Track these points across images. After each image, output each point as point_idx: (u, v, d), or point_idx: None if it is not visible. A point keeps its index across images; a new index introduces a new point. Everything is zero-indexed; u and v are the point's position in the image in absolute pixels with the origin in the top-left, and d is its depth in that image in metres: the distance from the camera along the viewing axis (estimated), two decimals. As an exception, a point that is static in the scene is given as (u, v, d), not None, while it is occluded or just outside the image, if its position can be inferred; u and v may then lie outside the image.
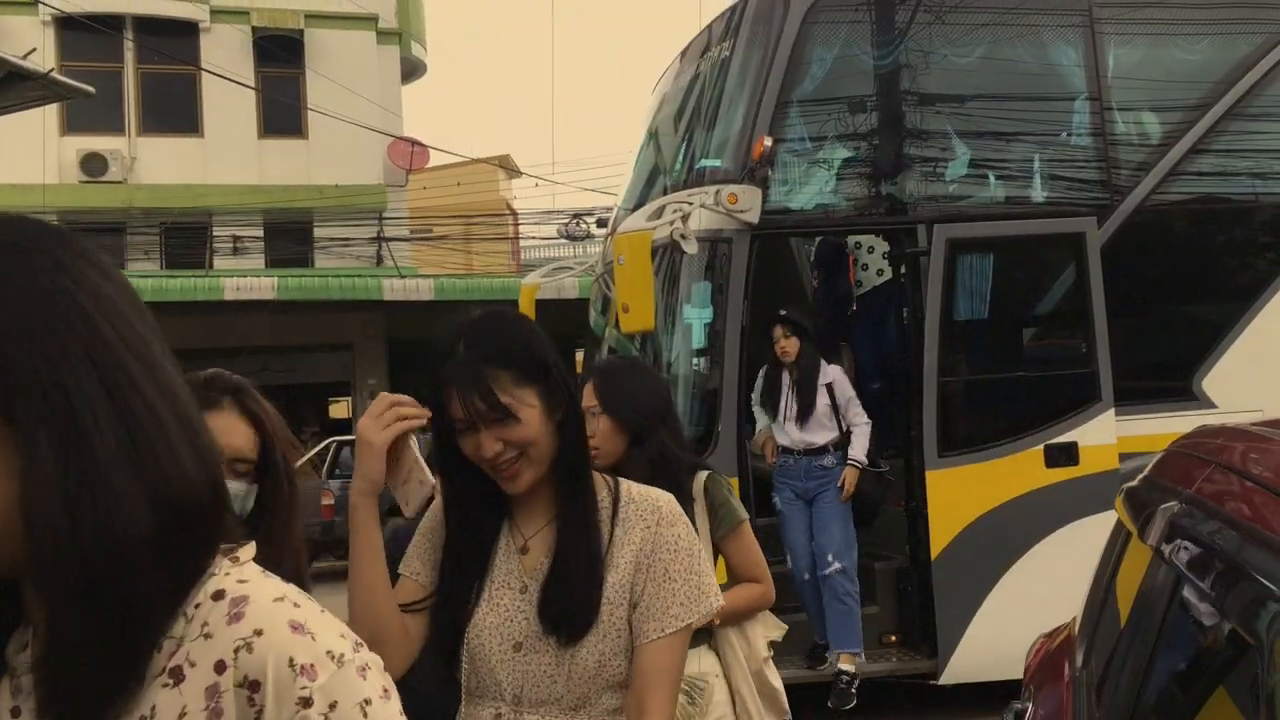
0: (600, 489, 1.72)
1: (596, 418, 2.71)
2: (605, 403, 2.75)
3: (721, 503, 2.83)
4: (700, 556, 1.70)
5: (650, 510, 1.69)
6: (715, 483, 2.86)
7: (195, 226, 18.31)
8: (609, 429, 2.74)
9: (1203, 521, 1.65)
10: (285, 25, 18.65)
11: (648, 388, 2.86)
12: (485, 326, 1.70)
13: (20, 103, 5.40)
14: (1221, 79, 5.95)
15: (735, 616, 2.78)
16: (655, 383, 2.93)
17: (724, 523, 2.81)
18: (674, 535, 1.68)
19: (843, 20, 5.78)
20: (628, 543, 1.67)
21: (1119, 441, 5.48)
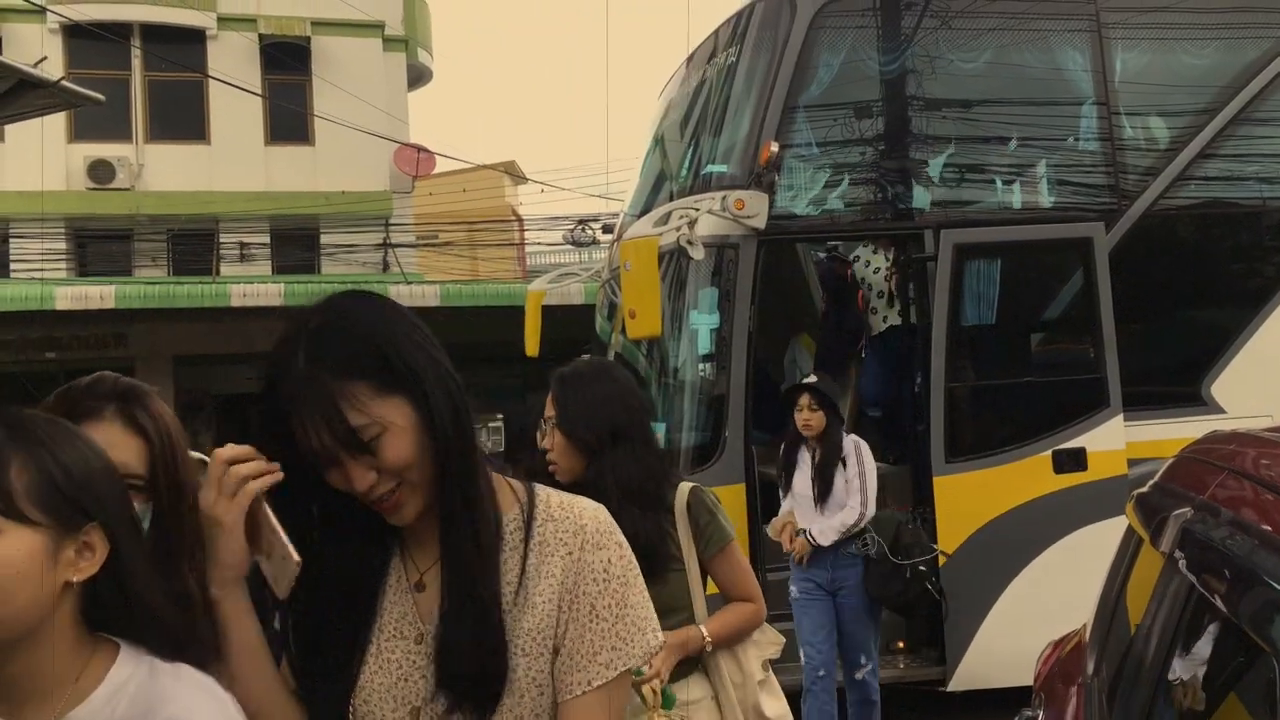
0: (510, 505, 1.40)
1: (554, 430, 2.53)
2: (561, 415, 2.53)
3: (708, 521, 2.60)
4: (636, 585, 1.39)
5: (572, 530, 1.37)
6: (700, 498, 2.62)
7: (202, 233, 18.35)
8: (564, 444, 2.53)
9: (1216, 527, 1.64)
10: (292, 33, 18.69)
11: (612, 398, 2.56)
12: (328, 324, 1.33)
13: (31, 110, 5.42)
14: (1229, 84, 5.94)
15: (729, 639, 2.59)
16: (622, 391, 2.61)
17: (712, 542, 2.59)
18: (601, 561, 1.36)
19: (849, 26, 5.78)
20: (545, 574, 1.35)
21: (1128, 447, 5.46)
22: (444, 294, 16.74)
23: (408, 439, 1.30)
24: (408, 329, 1.36)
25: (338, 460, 1.29)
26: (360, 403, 1.27)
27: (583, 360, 2.69)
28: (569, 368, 2.66)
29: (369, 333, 1.33)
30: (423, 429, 1.31)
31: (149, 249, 18.45)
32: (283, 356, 1.31)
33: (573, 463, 2.53)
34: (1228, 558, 1.53)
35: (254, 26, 18.54)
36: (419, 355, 1.34)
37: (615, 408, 2.55)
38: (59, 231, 17.69)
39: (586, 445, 2.51)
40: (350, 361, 1.29)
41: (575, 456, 2.53)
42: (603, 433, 2.50)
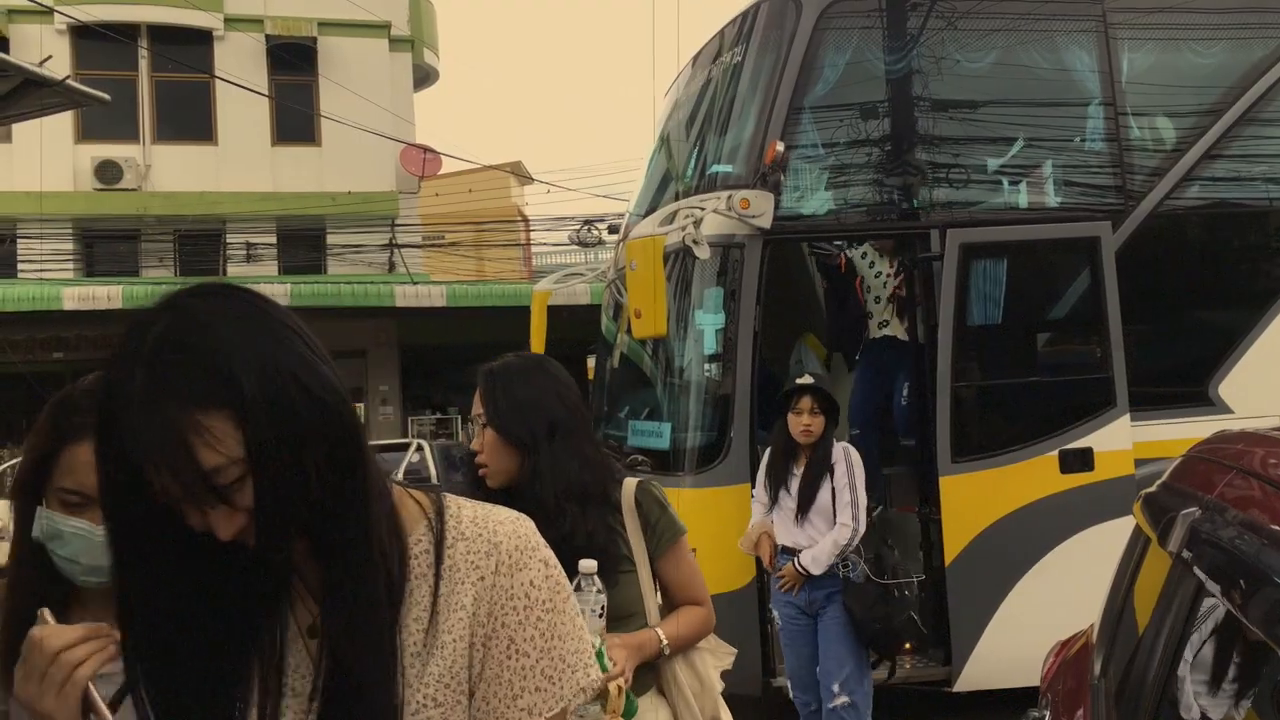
0: (417, 522, 1.20)
1: (484, 429, 2.36)
2: (491, 411, 2.35)
3: (658, 516, 2.42)
4: (565, 611, 1.20)
5: (485, 550, 1.17)
6: (648, 493, 2.44)
7: (209, 233, 18.39)
8: (494, 443, 2.34)
9: (1224, 527, 1.63)
10: (298, 33, 18.73)
11: (547, 391, 2.38)
12: (172, 335, 1.03)
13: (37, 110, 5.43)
14: (1236, 83, 5.92)
15: (684, 645, 2.42)
16: (557, 385, 2.41)
17: (663, 539, 2.40)
18: (521, 585, 1.17)
19: (855, 25, 5.77)
20: (456, 606, 1.15)
21: (1134, 447, 5.44)
22: (450, 294, 16.78)
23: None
24: (275, 338, 1.08)
25: (195, 505, 1.05)
26: (214, 438, 1.01)
27: (512, 355, 2.47)
28: (498, 362, 2.45)
29: (225, 346, 1.03)
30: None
31: (156, 249, 18.49)
32: (117, 380, 1.02)
33: (505, 463, 2.34)
34: (1236, 557, 1.52)
35: (260, 27, 18.58)
36: (287, 371, 1.06)
37: (550, 401, 2.36)
38: (66, 232, 17.74)
39: (520, 442, 2.32)
40: (196, 386, 1.01)
41: (508, 456, 2.34)
42: (537, 428, 2.32)
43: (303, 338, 1.12)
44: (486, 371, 2.41)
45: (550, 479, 2.29)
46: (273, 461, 1.04)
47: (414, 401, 19.89)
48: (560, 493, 2.28)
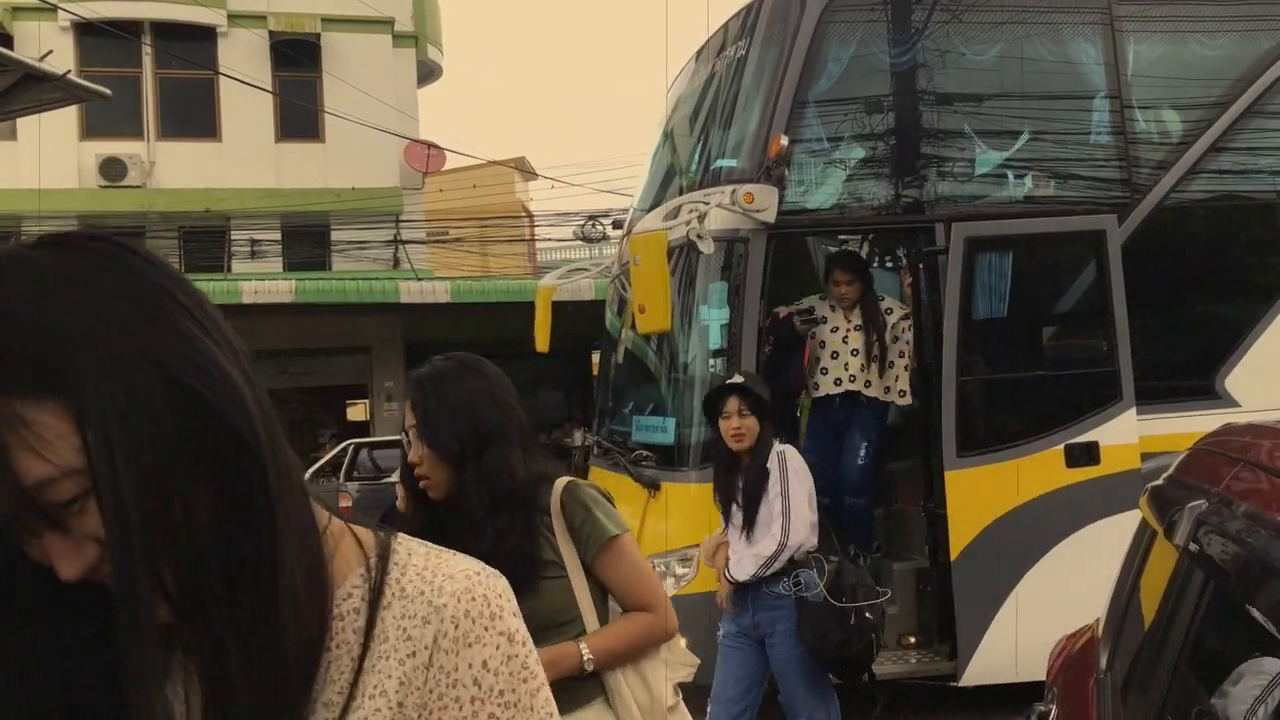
0: (351, 569, 0.90)
1: (417, 441, 2.24)
2: (421, 423, 2.24)
3: (583, 518, 2.23)
4: (536, 707, 0.90)
5: (423, 615, 0.87)
6: (574, 494, 2.25)
7: (213, 230, 18.41)
8: (428, 455, 2.22)
9: (1231, 520, 1.62)
10: (302, 29, 18.73)
11: (478, 394, 2.25)
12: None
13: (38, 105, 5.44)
14: (1242, 76, 5.90)
15: (620, 657, 2.22)
16: (490, 386, 2.28)
17: (590, 541, 2.22)
18: (470, 667, 0.87)
19: (859, 19, 5.75)
20: (376, 691, 0.86)
21: (1141, 441, 5.42)
22: (454, 290, 16.77)
23: None
24: (145, 309, 0.80)
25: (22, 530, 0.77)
26: (41, 440, 0.74)
27: (440, 359, 2.32)
28: (426, 367, 2.31)
29: (67, 317, 0.76)
30: None
31: (160, 246, 18.50)
32: None
33: (441, 475, 2.22)
34: (1244, 550, 1.51)
35: (264, 23, 18.59)
36: (153, 357, 0.78)
37: (481, 406, 2.23)
38: (71, 229, 17.74)
39: (450, 454, 2.20)
40: (25, 367, 0.74)
41: (442, 468, 2.22)
42: (466, 437, 2.19)
43: (191, 313, 0.83)
44: (415, 379, 2.28)
45: (476, 491, 2.17)
46: (124, 479, 0.75)
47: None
48: (487, 504, 2.17)
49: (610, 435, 6.58)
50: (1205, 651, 1.70)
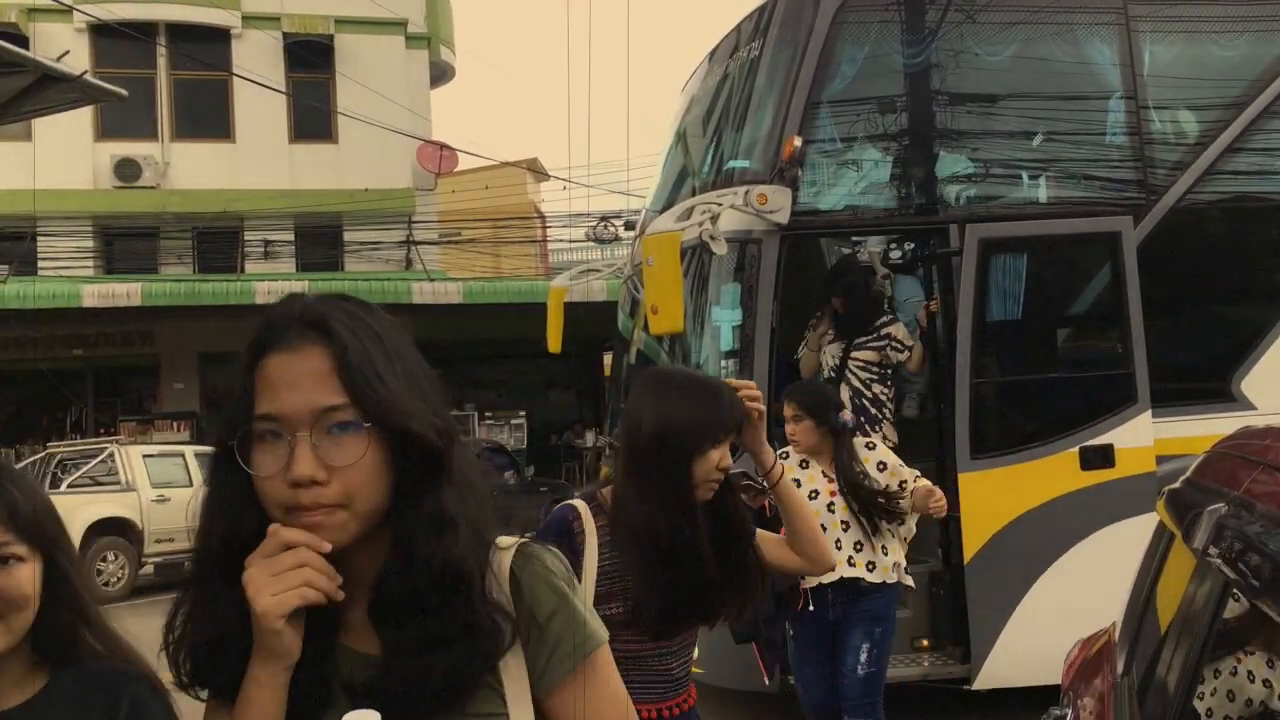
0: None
1: None
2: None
3: (554, 609, 1.21)
4: None
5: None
6: (536, 567, 1.23)
7: (227, 231, 18.47)
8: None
9: (1251, 523, 1.61)
10: (315, 30, 18.79)
11: None
12: None
13: (54, 105, 5.46)
14: (1259, 77, 5.86)
15: None
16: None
17: (557, 659, 1.20)
18: None
19: (873, 20, 5.73)
20: None
21: (1156, 444, 5.39)
22: (467, 291, 16.80)
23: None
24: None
25: None
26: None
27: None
28: None
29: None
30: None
31: (174, 247, 18.59)
32: None
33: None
34: (1264, 553, 1.50)
35: (278, 25, 18.65)
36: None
37: None
38: (86, 230, 17.85)
39: None
40: None
41: None
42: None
43: None
44: None
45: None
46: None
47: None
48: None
49: (622, 436, 6.57)
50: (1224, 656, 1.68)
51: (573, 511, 2.22)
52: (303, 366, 1.11)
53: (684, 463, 2.16)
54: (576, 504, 2.24)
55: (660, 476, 2.15)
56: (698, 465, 2.17)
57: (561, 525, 2.19)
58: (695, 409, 2.21)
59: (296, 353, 1.11)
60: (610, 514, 2.21)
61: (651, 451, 2.17)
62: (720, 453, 2.21)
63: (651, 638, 2.17)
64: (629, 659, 2.15)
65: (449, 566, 1.10)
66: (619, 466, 2.26)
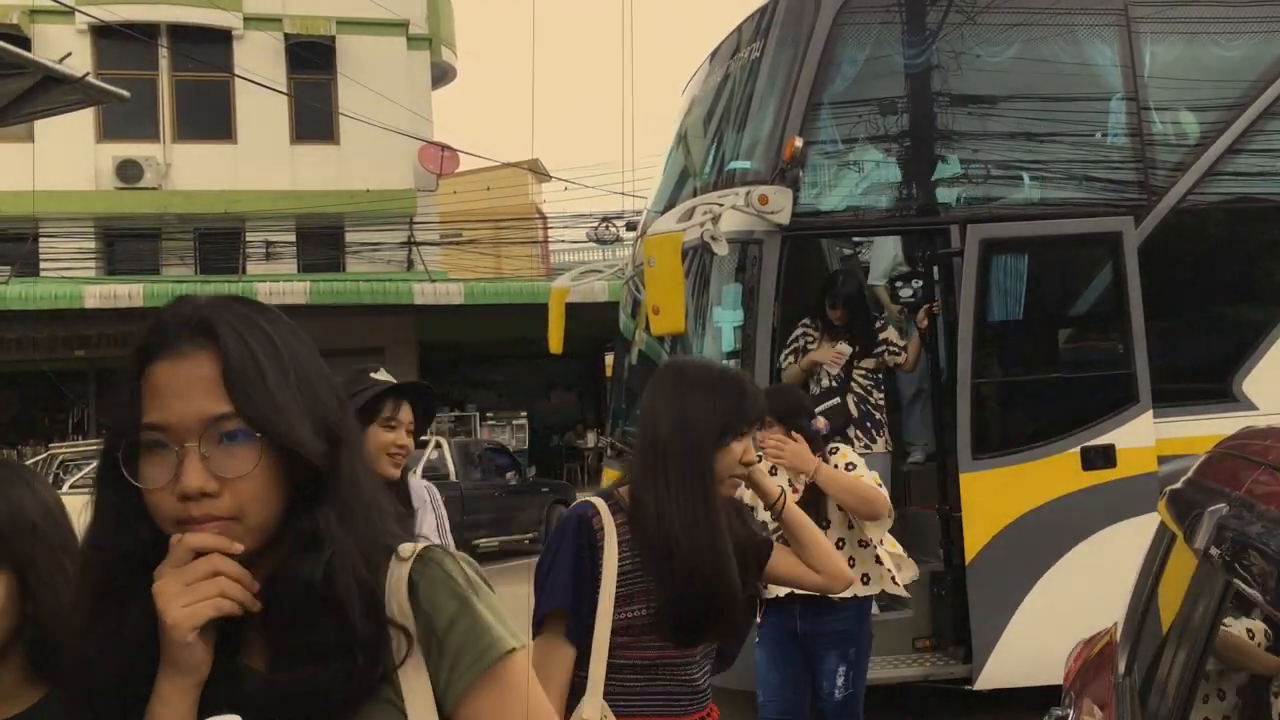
0: None
1: None
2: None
3: (453, 617, 1.12)
4: None
5: None
6: (435, 573, 1.14)
7: (228, 232, 18.50)
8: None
9: (1252, 523, 1.61)
10: (317, 32, 18.81)
11: None
12: None
13: (57, 107, 5.45)
14: (1260, 77, 5.86)
15: None
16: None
17: (463, 666, 1.11)
18: None
19: (874, 20, 5.73)
20: None
21: (1157, 444, 5.39)
22: (468, 292, 16.82)
23: None
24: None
25: None
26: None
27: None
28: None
29: None
30: None
31: (176, 248, 18.61)
32: None
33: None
34: (1265, 554, 1.50)
35: (279, 26, 18.67)
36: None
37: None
38: (88, 231, 17.87)
39: None
40: None
41: None
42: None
43: None
44: None
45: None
46: None
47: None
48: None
49: (624, 437, 6.58)
50: (1226, 656, 1.68)
51: (591, 508, 2.12)
52: (190, 373, 1.06)
53: (706, 457, 2.08)
54: (595, 501, 2.14)
55: (681, 472, 2.07)
56: (721, 459, 2.10)
57: (581, 523, 2.09)
58: (717, 400, 2.13)
59: (184, 359, 1.07)
60: (629, 512, 2.11)
61: (672, 446, 2.08)
62: (743, 446, 2.14)
63: (675, 644, 2.08)
64: (652, 666, 2.07)
65: (315, 585, 1.06)
66: (636, 464, 2.18)
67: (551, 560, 2.09)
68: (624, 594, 2.04)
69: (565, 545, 2.08)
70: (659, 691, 2.07)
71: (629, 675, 2.06)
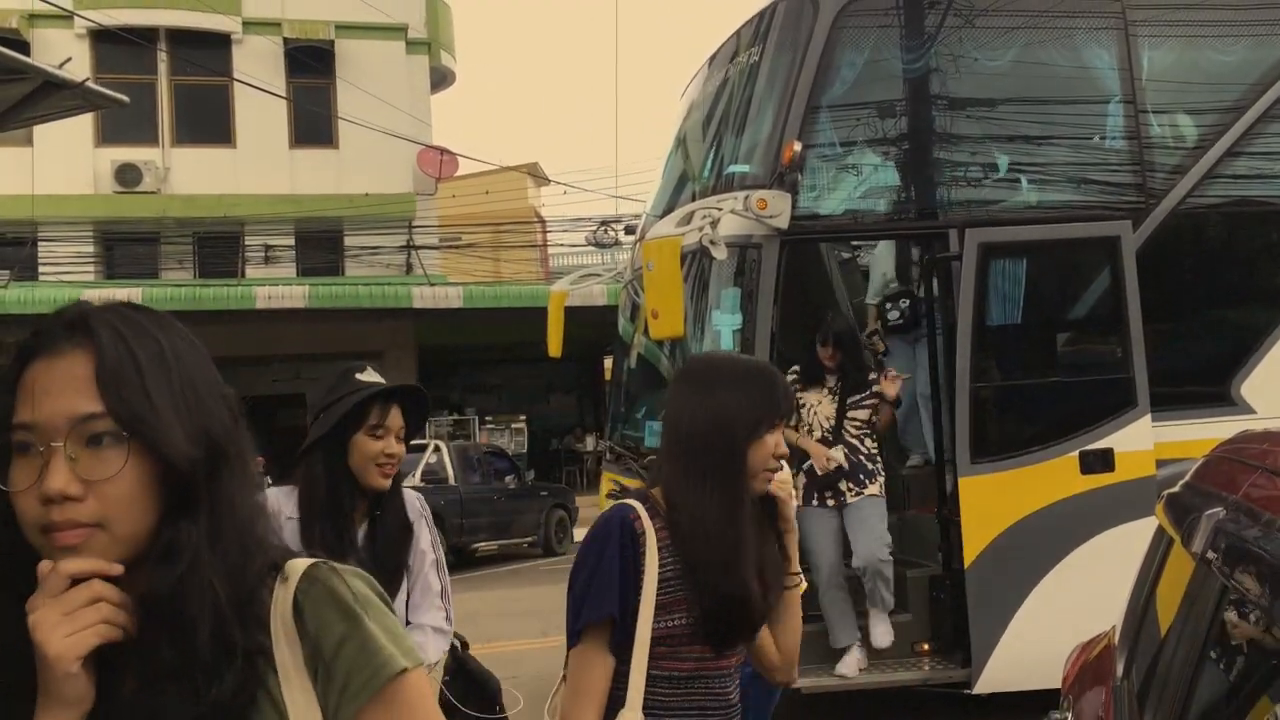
0: None
1: None
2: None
3: (342, 638, 1.08)
4: None
5: None
6: (323, 590, 1.10)
7: (227, 236, 18.50)
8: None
9: (1249, 527, 1.62)
10: (316, 36, 18.83)
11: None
12: None
13: (56, 112, 5.47)
14: (1258, 80, 5.87)
15: None
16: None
17: (355, 686, 1.07)
18: None
19: (872, 25, 5.74)
20: None
21: (1156, 448, 5.40)
22: (467, 295, 16.82)
23: None
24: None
25: None
26: None
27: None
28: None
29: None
30: None
31: (175, 252, 18.62)
32: None
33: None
34: (1262, 558, 1.50)
35: (278, 30, 18.69)
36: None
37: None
38: (86, 235, 17.87)
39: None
40: None
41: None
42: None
43: None
44: None
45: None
46: None
47: (431, 402, 19.94)
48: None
49: (623, 440, 6.58)
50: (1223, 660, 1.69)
51: (632, 511, 2.01)
52: (64, 372, 1.02)
53: (739, 451, 2.00)
54: (633, 503, 2.05)
55: (715, 469, 1.99)
56: (754, 452, 2.01)
57: (624, 524, 1.99)
58: (748, 392, 2.04)
59: (59, 357, 1.03)
60: (666, 516, 2.02)
61: (705, 442, 2.01)
62: (775, 438, 2.05)
63: (714, 651, 2.00)
64: (689, 679, 1.99)
65: (161, 598, 1.01)
66: (666, 465, 2.09)
67: (595, 566, 1.98)
68: (664, 601, 1.96)
69: (610, 550, 1.97)
70: (694, 706, 2.00)
71: (664, 687, 1.98)
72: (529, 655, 7.38)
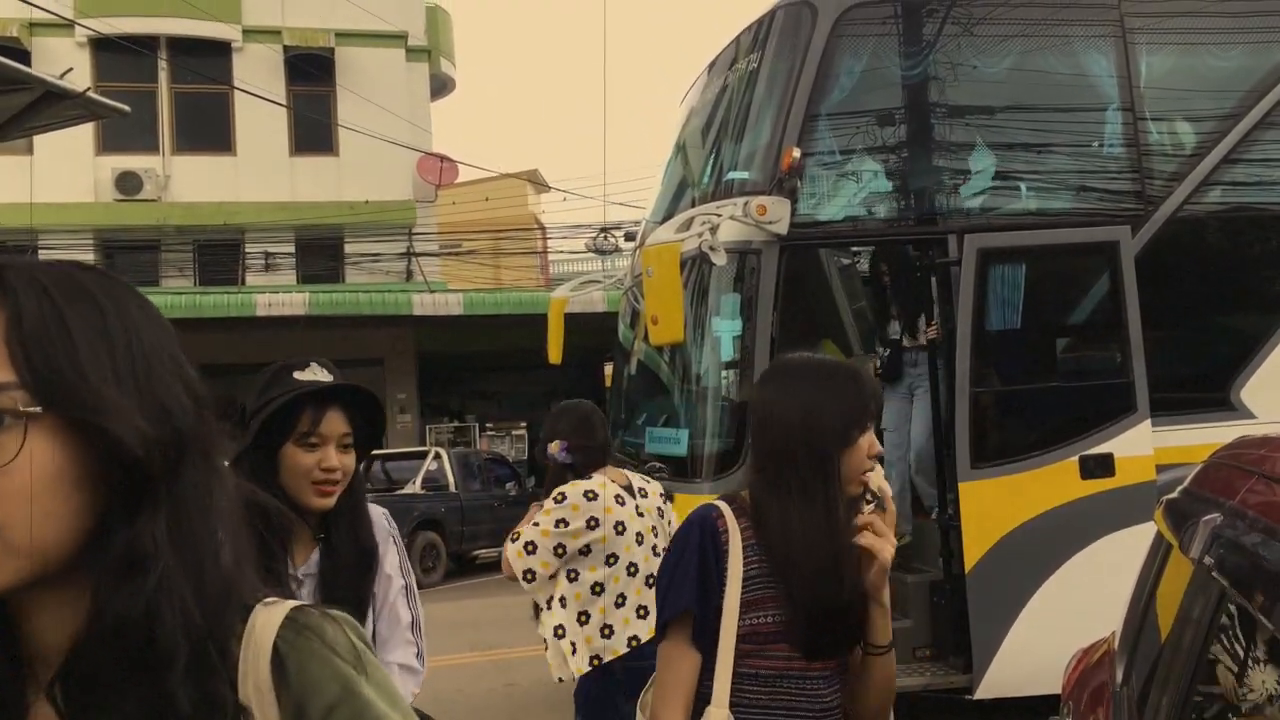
0: None
1: None
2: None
3: (329, 705, 0.87)
4: None
5: None
6: (310, 651, 0.88)
7: (228, 243, 18.52)
8: None
9: (1246, 533, 1.62)
10: (316, 44, 18.86)
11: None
12: None
13: (58, 121, 5.48)
14: (1255, 87, 5.88)
15: None
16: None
17: None
18: None
19: (871, 32, 5.76)
20: None
21: (1155, 453, 5.40)
22: (467, 302, 16.83)
23: None
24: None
25: None
26: None
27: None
28: None
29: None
30: None
31: (175, 260, 18.63)
32: None
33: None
34: (1259, 563, 1.51)
35: (278, 38, 18.71)
36: None
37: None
38: (87, 243, 17.89)
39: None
40: None
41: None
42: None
43: None
44: None
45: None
46: None
47: (431, 409, 19.95)
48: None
49: (623, 447, 6.58)
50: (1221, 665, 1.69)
51: (715, 510, 2.00)
52: None
53: (833, 457, 1.95)
54: (719, 504, 2.02)
55: (807, 478, 1.94)
56: (848, 458, 1.97)
57: (705, 525, 1.97)
58: (837, 395, 1.99)
59: None
60: (752, 517, 1.99)
61: (796, 452, 1.95)
62: (868, 440, 2.00)
63: (804, 654, 1.96)
64: (776, 677, 1.96)
65: (129, 624, 0.78)
66: (755, 476, 2.04)
67: (675, 564, 1.98)
68: (750, 599, 1.94)
69: (689, 549, 1.97)
70: (781, 706, 1.96)
71: (750, 686, 1.95)
72: (527, 663, 7.38)
